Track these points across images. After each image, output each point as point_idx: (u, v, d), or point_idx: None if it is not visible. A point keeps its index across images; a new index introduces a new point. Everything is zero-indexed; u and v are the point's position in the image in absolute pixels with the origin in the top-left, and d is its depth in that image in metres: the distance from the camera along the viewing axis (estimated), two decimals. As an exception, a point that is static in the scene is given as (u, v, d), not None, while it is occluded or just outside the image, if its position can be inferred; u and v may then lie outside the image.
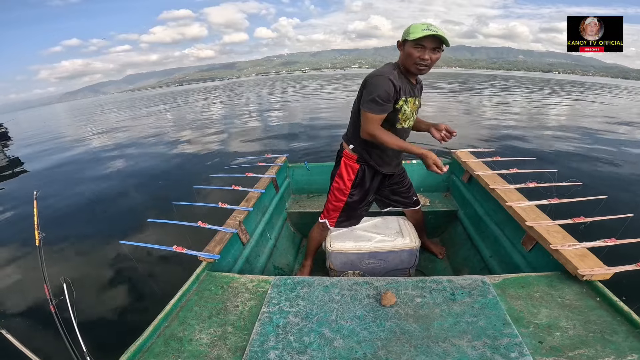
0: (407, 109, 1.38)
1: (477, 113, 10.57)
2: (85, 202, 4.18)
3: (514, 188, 1.70)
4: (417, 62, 1.27)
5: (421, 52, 1.25)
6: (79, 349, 1.01)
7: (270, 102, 16.84)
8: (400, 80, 1.33)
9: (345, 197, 1.58)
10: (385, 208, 1.80)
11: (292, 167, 2.51)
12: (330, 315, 1.04)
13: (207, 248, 1.38)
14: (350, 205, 1.60)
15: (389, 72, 1.33)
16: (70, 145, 8.85)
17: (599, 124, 8.39)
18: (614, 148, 5.82)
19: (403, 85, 1.34)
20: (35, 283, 2.19)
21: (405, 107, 1.37)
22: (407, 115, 1.40)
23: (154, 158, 6.19)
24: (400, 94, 1.33)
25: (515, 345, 0.89)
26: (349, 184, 1.56)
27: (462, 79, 41.04)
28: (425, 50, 1.25)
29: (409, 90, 1.37)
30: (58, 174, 5.71)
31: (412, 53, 1.27)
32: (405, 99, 1.35)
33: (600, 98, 17.36)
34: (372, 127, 1.33)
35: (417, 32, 1.22)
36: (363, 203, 1.61)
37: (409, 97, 1.37)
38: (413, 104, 1.41)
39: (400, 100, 1.34)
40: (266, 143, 6.74)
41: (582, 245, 1.20)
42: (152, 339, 0.99)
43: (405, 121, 1.42)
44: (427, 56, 1.25)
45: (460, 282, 1.16)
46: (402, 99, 1.34)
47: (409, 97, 1.37)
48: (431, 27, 1.22)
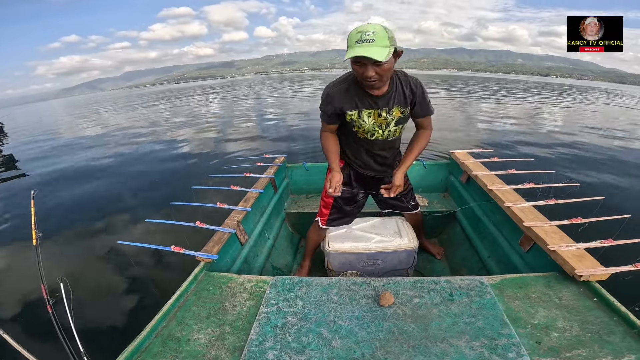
0: (363, 122, 1.30)
1: (476, 114, 10.61)
2: (82, 201, 4.16)
3: (512, 189, 1.70)
4: (361, 78, 1.14)
5: (362, 68, 1.10)
6: (76, 349, 1.00)
7: (269, 102, 16.83)
8: (348, 94, 1.25)
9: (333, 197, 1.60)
10: (386, 209, 1.79)
11: (290, 168, 2.51)
12: (328, 315, 1.04)
13: (206, 248, 1.38)
14: (338, 202, 1.60)
15: (335, 84, 1.28)
16: (66, 142, 8.80)
17: (596, 127, 8.43)
18: (612, 149, 5.85)
19: (352, 97, 1.25)
20: (32, 283, 2.18)
21: (360, 121, 1.29)
22: (366, 129, 1.32)
23: (153, 158, 6.17)
24: (345, 109, 1.27)
25: (513, 346, 0.89)
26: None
27: (461, 81, 41.17)
28: (366, 67, 1.08)
29: (366, 102, 1.26)
30: (55, 172, 5.68)
31: (354, 69, 1.13)
32: (357, 112, 1.27)
33: (598, 101, 17.46)
34: (321, 132, 1.41)
35: (350, 45, 1.06)
36: (350, 202, 1.61)
37: (366, 110, 1.27)
38: (377, 116, 1.29)
39: (347, 114, 1.28)
40: (265, 143, 6.73)
41: (579, 246, 1.20)
42: (150, 339, 0.99)
43: (367, 133, 1.34)
44: (370, 73, 1.09)
45: (458, 282, 1.17)
46: (350, 113, 1.27)
47: (365, 109, 1.27)
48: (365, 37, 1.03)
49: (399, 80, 1.27)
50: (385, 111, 1.28)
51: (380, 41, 1.03)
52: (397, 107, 1.29)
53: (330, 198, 1.62)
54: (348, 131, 1.38)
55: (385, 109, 1.28)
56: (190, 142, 7.41)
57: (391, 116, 1.30)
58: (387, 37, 1.05)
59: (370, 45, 1.03)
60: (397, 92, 1.27)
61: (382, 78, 1.14)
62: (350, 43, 1.06)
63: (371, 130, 1.33)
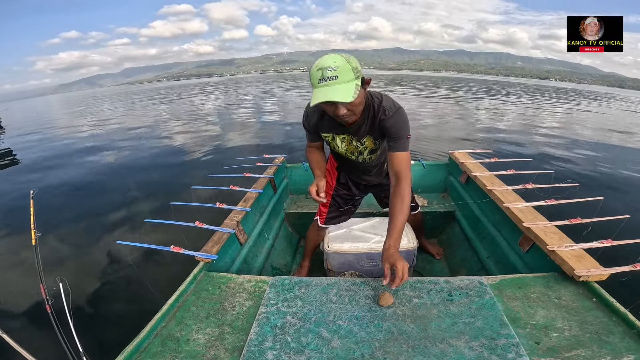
0: (337, 146, 1.31)
1: (476, 115, 10.62)
2: (82, 201, 4.16)
3: (511, 189, 1.70)
4: (334, 117, 1.09)
5: (332, 107, 1.03)
6: (75, 349, 1.00)
7: (268, 101, 16.82)
8: (323, 116, 1.23)
9: (332, 191, 1.62)
10: (385, 208, 1.80)
11: (290, 168, 2.51)
12: (328, 315, 1.04)
13: (205, 248, 1.38)
14: (337, 200, 1.63)
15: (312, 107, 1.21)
16: (64, 141, 8.77)
17: (596, 128, 8.44)
18: (611, 150, 5.86)
19: (327, 120, 1.23)
20: (32, 283, 2.18)
21: (334, 144, 1.31)
22: (341, 152, 1.33)
23: (152, 158, 6.16)
24: (320, 130, 1.29)
25: (512, 346, 0.89)
26: (334, 183, 1.62)
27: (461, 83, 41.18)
28: (336, 106, 1.02)
29: (339, 127, 1.23)
30: (54, 172, 5.67)
31: (324, 108, 1.07)
32: (331, 135, 1.28)
33: (597, 104, 17.46)
34: (306, 147, 1.44)
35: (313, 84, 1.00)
36: (349, 200, 1.64)
37: (340, 135, 1.26)
38: (349, 143, 1.27)
39: (322, 135, 1.31)
40: (264, 143, 6.73)
41: (578, 246, 1.20)
42: (149, 339, 0.99)
43: (345, 153, 1.33)
44: (341, 112, 1.03)
45: (457, 282, 1.17)
46: (325, 135, 1.30)
47: (338, 134, 1.26)
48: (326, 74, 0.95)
49: (372, 107, 1.16)
50: (356, 140, 1.25)
51: (344, 75, 0.96)
52: (369, 136, 1.23)
53: (328, 197, 1.63)
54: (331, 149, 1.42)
55: (355, 138, 1.24)
56: (190, 142, 7.40)
57: (362, 145, 1.27)
58: (349, 69, 0.96)
59: (334, 84, 0.96)
60: (367, 122, 1.19)
61: (355, 111, 1.08)
62: (314, 82, 1.00)
63: (345, 154, 1.35)
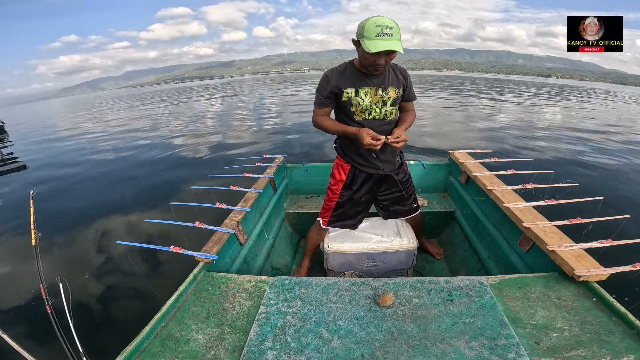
0: (360, 100, 1.37)
1: (476, 115, 10.61)
2: (82, 201, 4.16)
3: (511, 189, 1.70)
4: (372, 64, 1.27)
5: (377, 57, 1.23)
6: (75, 349, 1.00)
7: (268, 102, 16.83)
8: (344, 74, 1.36)
9: (336, 197, 1.60)
10: (387, 218, 1.77)
11: (290, 168, 2.51)
12: (328, 315, 1.04)
13: (205, 248, 1.38)
14: (340, 205, 1.61)
15: (333, 69, 1.41)
16: (65, 142, 8.79)
17: (596, 127, 8.44)
18: (611, 150, 5.85)
19: (349, 77, 1.36)
20: (32, 283, 2.18)
21: (358, 99, 1.37)
22: (364, 107, 1.39)
23: (152, 158, 6.16)
24: (343, 87, 1.36)
25: (512, 346, 0.90)
26: (340, 184, 1.59)
27: (461, 81, 41.16)
28: (380, 57, 1.22)
29: (362, 82, 1.36)
30: (54, 172, 5.67)
31: (367, 57, 1.25)
32: (354, 90, 1.36)
33: (598, 102, 17.47)
34: (315, 117, 1.47)
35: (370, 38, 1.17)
36: (353, 205, 1.60)
37: (363, 88, 1.36)
38: (374, 94, 1.38)
39: (344, 93, 1.36)
40: (264, 143, 6.73)
41: (578, 246, 1.20)
42: (149, 339, 0.99)
43: (364, 112, 1.40)
44: (382, 61, 1.24)
45: (457, 282, 1.17)
46: (347, 91, 1.36)
47: (362, 88, 1.36)
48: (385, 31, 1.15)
49: (389, 65, 1.39)
50: (382, 89, 1.38)
51: (397, 35, 1.18)
52: (392, 87, 1.40)
53: (332, 202, 1.61)
54: (345, 115, 1.44)
55: (382, 87, 1.38)
56: (190, 142, 7.41)
57: (387, 95, 1.40)
58: (399, 32, 1.19)
59: (391, 39, 1.16)
60: (390, 74, 1.40)
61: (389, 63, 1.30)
62: (369, 35, 1.17)
63: (369, 109, 1.39)
